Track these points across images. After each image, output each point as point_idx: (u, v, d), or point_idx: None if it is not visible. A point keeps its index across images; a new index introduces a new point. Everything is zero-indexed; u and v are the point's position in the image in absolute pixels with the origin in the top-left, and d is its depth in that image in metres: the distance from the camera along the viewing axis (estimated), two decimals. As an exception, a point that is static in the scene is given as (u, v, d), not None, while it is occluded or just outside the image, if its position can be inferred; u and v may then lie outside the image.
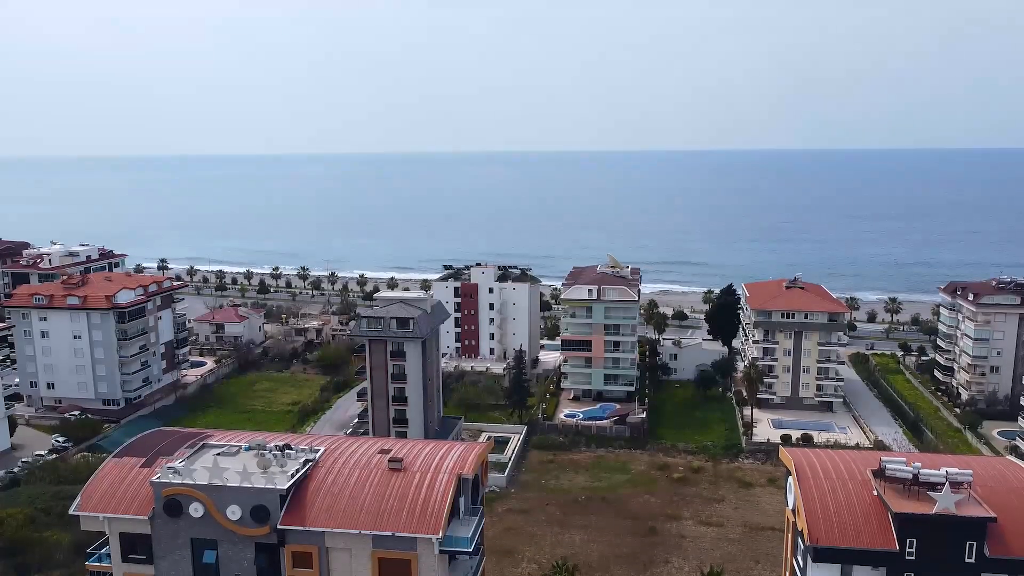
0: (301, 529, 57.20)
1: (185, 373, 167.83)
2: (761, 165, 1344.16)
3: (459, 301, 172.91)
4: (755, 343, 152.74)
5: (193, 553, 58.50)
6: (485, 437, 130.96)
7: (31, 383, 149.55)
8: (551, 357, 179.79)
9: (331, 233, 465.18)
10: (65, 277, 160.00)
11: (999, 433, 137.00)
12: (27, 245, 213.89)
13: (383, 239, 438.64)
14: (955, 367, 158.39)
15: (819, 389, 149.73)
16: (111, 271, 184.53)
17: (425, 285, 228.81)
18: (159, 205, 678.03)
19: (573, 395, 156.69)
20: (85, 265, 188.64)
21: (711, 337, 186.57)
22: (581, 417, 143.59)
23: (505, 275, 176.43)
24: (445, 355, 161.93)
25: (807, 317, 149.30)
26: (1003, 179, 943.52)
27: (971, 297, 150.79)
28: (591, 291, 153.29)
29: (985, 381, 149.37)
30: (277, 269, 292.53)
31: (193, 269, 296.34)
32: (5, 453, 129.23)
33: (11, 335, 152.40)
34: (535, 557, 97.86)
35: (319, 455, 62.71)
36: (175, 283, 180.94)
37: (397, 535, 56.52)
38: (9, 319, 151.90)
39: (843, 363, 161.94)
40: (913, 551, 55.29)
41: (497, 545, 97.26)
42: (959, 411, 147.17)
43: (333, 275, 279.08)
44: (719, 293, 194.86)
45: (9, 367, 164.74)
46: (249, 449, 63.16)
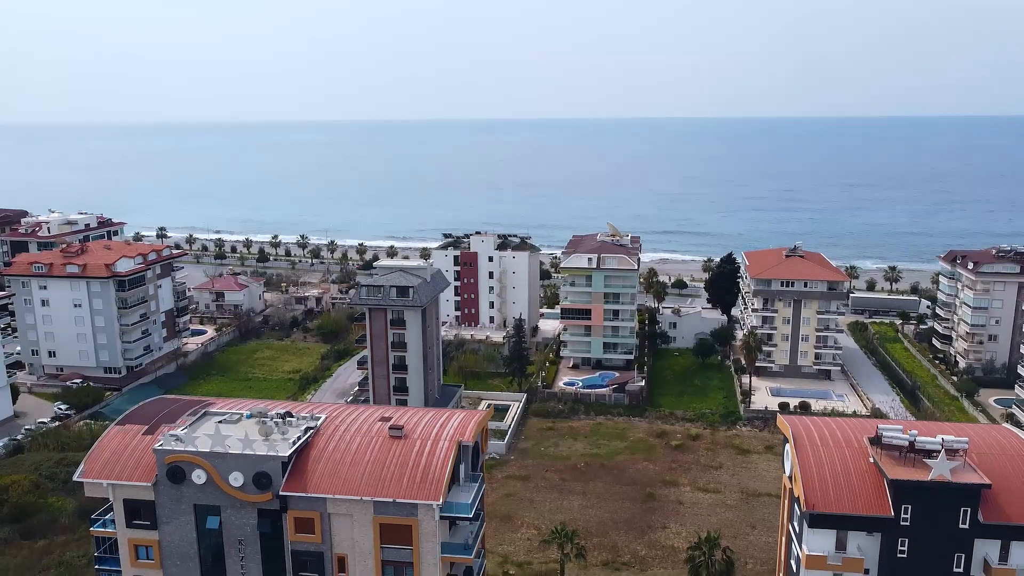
0: (303, 495, 57.73)
1: (186, 341, 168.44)
2: (764, 133, 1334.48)
3: (459, 270, 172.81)
4: (754, 311, 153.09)
5: (196, 519, 59.18)
6: (485, 405, 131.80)
7: (32, 351, 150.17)
8: (550, 325, 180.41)
9: (330, 202, 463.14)
10: (64, 245, 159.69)
11: (995, 401, 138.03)
12: (25, 213, 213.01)
13: (382, 208, 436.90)
14: (953, 335, 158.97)
15: (817, 357, 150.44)
16: (110, 239, 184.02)
17: (425, 254, 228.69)
18: (157, 173, 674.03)
19: (572, 363, 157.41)
20: (84, 233, 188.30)
21: (710, 306, 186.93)
22: (580, 385, 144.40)
23: (505, 243, 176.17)
24: (445, 324, 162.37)
25: (806, 286, 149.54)
26: (1008, 147, 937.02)
27: (971, 265, 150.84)
28: (591, 260, 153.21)
29: (983, 349, 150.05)
30: (276, 237, 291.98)
31: (192, 237, 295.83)
32: (8, 421, 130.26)
33: (11, 304, 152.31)
34: (534, 522, 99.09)
35: (320, 423, 63.10)
36: (174, 251, 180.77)
37: (398, 501, 57.08)
38: (9, 287, 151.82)
39: (842, 331, 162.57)
40: (908, 517, 55.91)
41: (497, 511, 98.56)
42: (956, 379, 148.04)
43: (332, 243, 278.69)
44: (719, 262, 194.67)
45: (10, 335, 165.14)
46: (251, 417, 63.51)
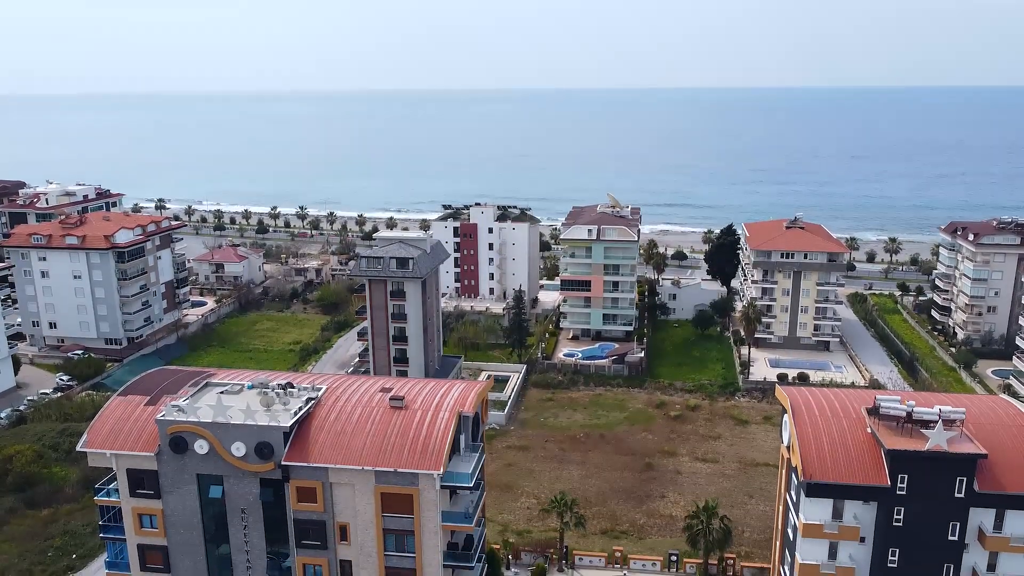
0: (305, 465, 58.28)
1: (186, 312, 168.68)
2: (764, 104, 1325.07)
3: (458, 241, 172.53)
4: (754, 283, 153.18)
5: (199, 488, 59.84)
6: (485, 376, 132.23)
7: (33, 323, 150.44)
8: (550, 297, 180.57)
9: (328, 173, 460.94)
10: (63, 217, 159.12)
11: (993, 372, 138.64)
12: (23, 184, 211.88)
13: (381, 179, 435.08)
14: (952, 307, 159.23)
15: (816, 329, 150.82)
16: (108, 211, 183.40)
17: (424, 225, 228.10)
18: (155, 144, 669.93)
19: (572, 334, 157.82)
20: (83, 204, 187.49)
21: (710, 277, 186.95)
22: (580, 356, 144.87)
23: (504, 215, 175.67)
24: (445, 295, 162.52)
25: (806, 257, 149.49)
26: (1011, 119, 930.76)
27: (971, 237, 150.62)
28: (591, 231, 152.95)
29: (981, 321, 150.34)
30: (275, 209, 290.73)
31: (191, 209, 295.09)
32: (11, 391, 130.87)
33: (11, 275, 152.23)
34: (534, 492, 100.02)
35: (321, 393, 63.48)
36: (173, 223, 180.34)
37: (399, 471, 57.63)
38: (8, 259, 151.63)
39: (841, 303, 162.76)
40: (904, 486, 56.45)
41: (497, 480, 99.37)
42: (954, 350, 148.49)
43: (332, 215, 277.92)
44: (719, 233, 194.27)
45: (11, 307, 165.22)
46: (252, 387, 63.91)
